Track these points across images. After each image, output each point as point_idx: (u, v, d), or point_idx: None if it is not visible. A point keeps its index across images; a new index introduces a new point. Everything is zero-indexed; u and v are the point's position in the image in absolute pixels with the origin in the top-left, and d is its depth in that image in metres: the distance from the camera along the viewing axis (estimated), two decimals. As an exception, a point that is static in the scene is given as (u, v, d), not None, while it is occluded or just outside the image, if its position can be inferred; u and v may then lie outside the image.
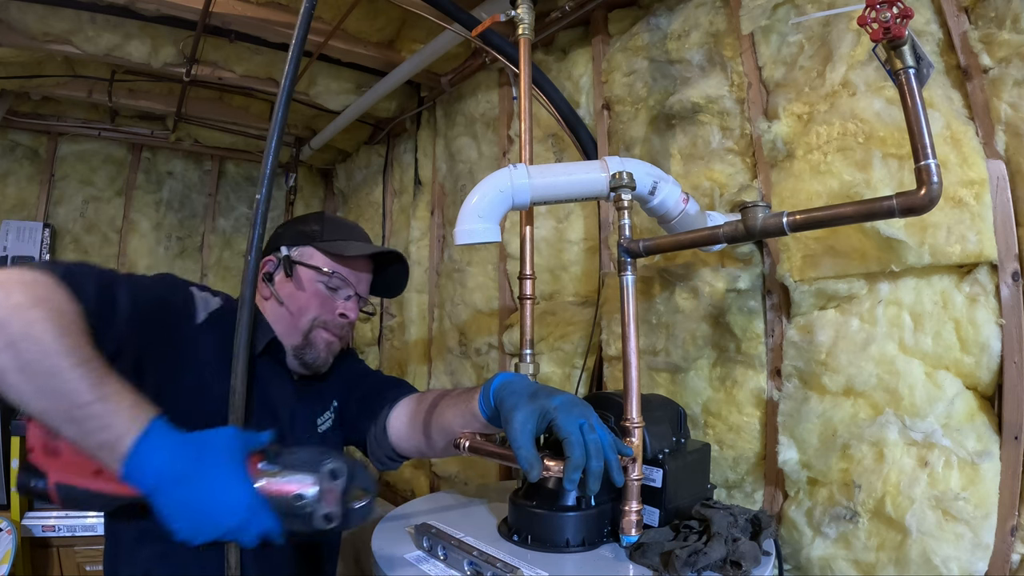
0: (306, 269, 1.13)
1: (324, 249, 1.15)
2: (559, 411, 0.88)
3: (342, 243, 1.15)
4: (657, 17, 1.55)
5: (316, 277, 1.13)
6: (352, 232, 1.21)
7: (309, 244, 1.15)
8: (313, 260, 1.15)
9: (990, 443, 0.99)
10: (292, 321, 1.12)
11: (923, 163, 0.77)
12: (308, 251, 1.16)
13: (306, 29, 1.00)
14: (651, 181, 1.14)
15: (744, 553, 0.93)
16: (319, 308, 1.12)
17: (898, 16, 0.73)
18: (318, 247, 1.15)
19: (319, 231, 1.17)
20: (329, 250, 1.14)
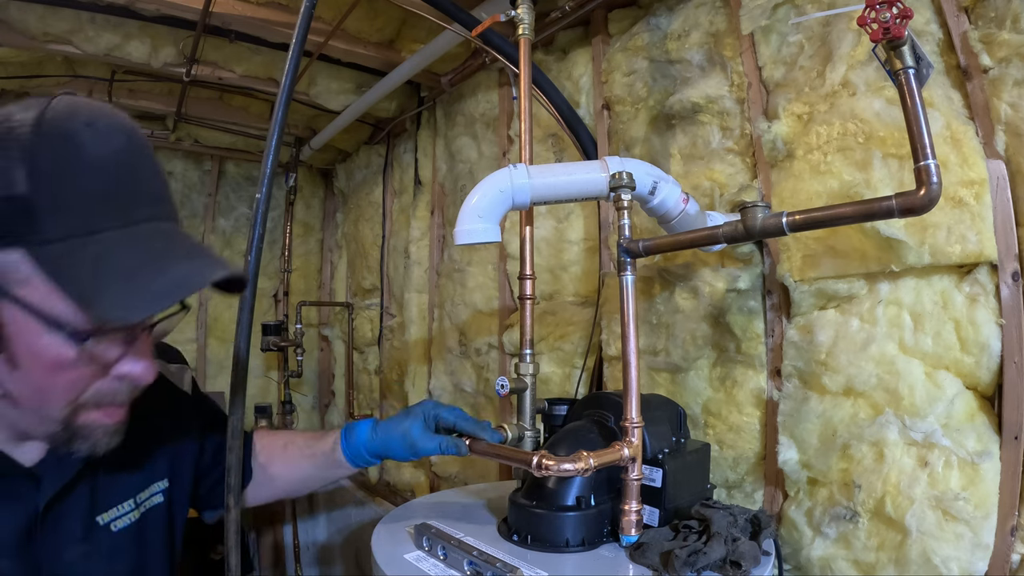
0: (22, 313, 0.54)
1: (58, 272, 0.53)
2: (438, 409, 1.12)
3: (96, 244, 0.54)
4: (657, 17, 1.55)
5: (50, 332, 0.56)
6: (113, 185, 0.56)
7: (22, 247, 0.53)
8: (41, 299, 0.54)
9: (990, 443, 0.99)
10: (27, 411, 0.63)
11: (923, 163, 0.77)
12: (23, 268, 0.54)
13: (306, 29, 1.00)
14: (651, 181, 1.14)
15: (744, 553, 0.93)
16: (71, 384, 0.60)
17: (898, 16, 0.73)
18: (41, 261, 0.53)
19: (35, 200, 0.51)
20: (69, 282, 0.53)
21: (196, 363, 3.17)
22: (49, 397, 0.60)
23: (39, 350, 0.56)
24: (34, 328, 0.55)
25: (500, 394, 1.26)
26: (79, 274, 0.52)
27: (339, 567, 3.02)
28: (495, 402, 2.06)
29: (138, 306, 0.53)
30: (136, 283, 0.54)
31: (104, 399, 0.63)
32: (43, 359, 0.56)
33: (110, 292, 0.53)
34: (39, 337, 0.55)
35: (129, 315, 0.53)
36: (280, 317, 3.31)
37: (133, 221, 0.56)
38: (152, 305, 0.54)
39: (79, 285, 0.52)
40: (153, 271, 0.55)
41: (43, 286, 0.53)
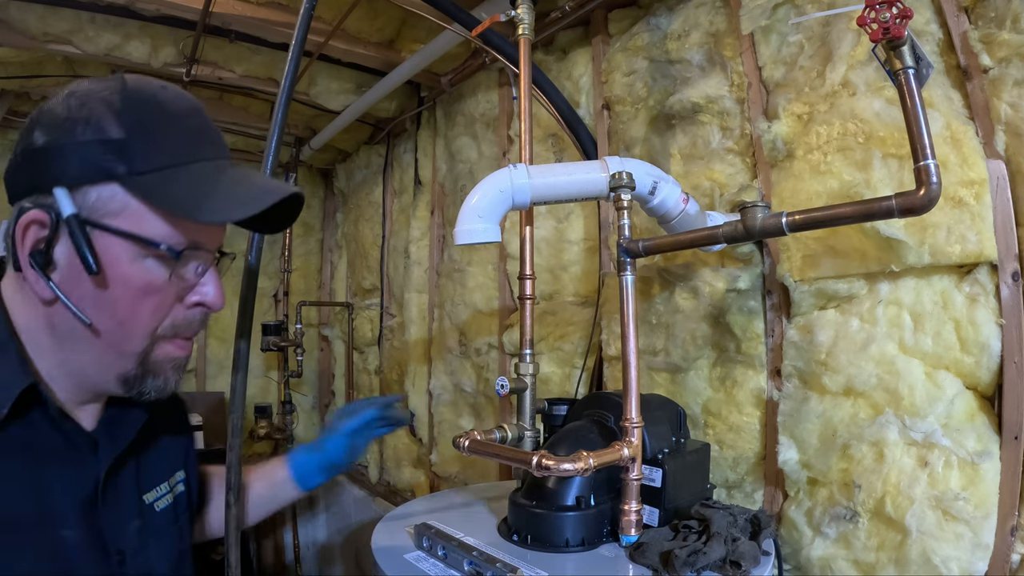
0: (122, 244, 0.59)
1: (154, 195, 0.59)
2: (353, 405, 1.19)
3: (186, 172, 0.60)
4: (657, 17, 1.55)
5: (144, 257, 0.61)
6: (191, 131, 0.64)
7: (116, 181, 0.58)
8: (135, 224, 0.60)
9: (990, 443, 0.99)
10: (106, 348, 0.64)
11: (922, 163, 0.77)
12: (118, 199, 0.59)
13: (306, 29, 1.00)
14: (651, 181, 1.14)
15: (744, 553, 0.93)
16: (156, 310, 0.63)
17: (897, 16, 0.73)
18: (136, 190, 0.59)
19: (129, 142, 0.58)
20: (167, 201, 0.59)
21: (196, 363, 3.17)
22: (135, 325, 0.63)
23: (131, 274, 0.61)
24: (127, 254, 0.60)
25: (500, 394, 1.26)
26: (174, 192, 0.60)
27: (339, 567, 3.02)
28: (495, 402, 2.06)
29: (235, 208, 0.61)
30: (229, 192, 0.62)
31: (180, 329, 0.68)
32: (134, 283, 0.61)
33: (208, 200, 0.60)
34: (131, 263, 0.61)
35: (229, 214, 0.60)
36: (280, 317, 3.31)
37: (209, 158, 0.64)
38: (247, 206, 0.61)
39: (176, 200, 0.59)
40: (238, 184, 0.63)
41: (137, 211, 0.60)
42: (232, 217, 0.61)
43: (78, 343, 0.63)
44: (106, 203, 0.59)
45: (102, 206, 0.59)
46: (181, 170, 0.61)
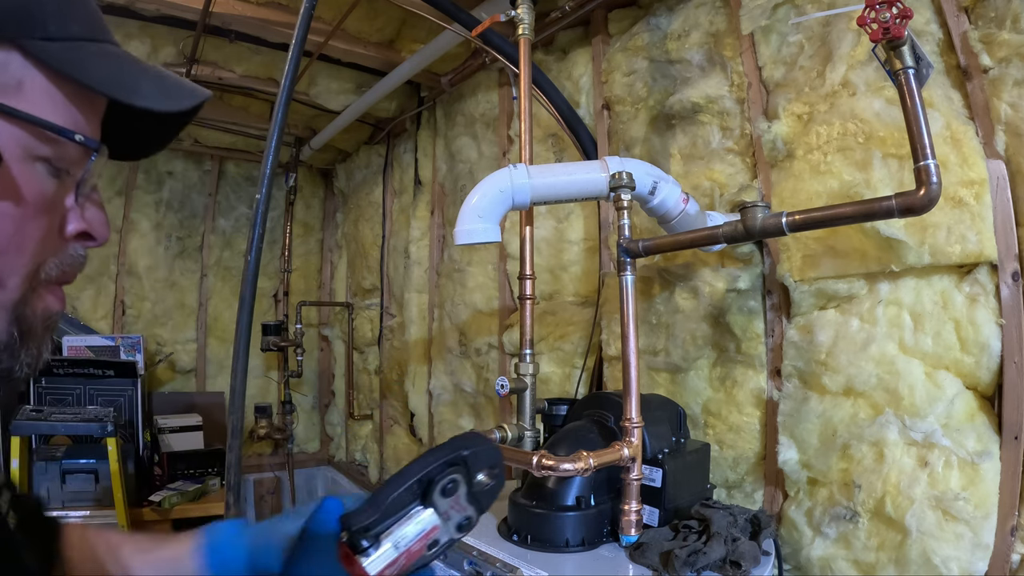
0: (12, 132, 0.43)
1: (74, 68, 0.45)
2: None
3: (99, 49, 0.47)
4: (657, 17, 1.55)
5: (35, 150, 0.44)
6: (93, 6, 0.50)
7: (13, 46, 0.42)
8: (35, 106, 0.43)
9: (990, 443, 0.99)
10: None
11: (922, 163, 0.77)
12: (12, 70, 0.42)
13: (306, 29, 1.00)
14: (651, 181, 1.14)
15: (744, 553, 0.93)
16: (44, 237, 0.46)
17: (897, 16, 0.73)
18: (47, 59, 0.43)
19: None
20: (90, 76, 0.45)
21: (196, 363, 3.17)
22: (18, 257, 0.44)
23: (20, 180, 0.43)
24: (18, 150, 0.43)
25: (500, 394, 1.26)
26: (97, 68, 0.45)
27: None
28: (495, 402, 2.06)
29: (166, 97, 0.47)
30: (154, 78, 0.48)
31: (63, 268, 0.48)
32: (24, 193, 0.43)
33: (139, 83, 0.46)
34: (21, 163, 0.43)
35: (167, 102, 0.47)
36: (280, 317, 3.31)
37: (115, 42, 0.49)
38: (179, 98, 0.47)
39: (102, 78, 0.45)
40: (156, 72, 0.49)
41: (40, 90, 0.43)
42: (172, 107, 0.47)
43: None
44: (9, 82, 0.41)
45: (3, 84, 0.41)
46: (94, 46, 0.46)
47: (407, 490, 0.48)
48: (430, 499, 0.48)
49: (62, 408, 2.23)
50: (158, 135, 0.54)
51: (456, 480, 0.50)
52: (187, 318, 3.16)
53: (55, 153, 0.44)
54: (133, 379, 2.51)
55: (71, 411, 2.16)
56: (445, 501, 0.50)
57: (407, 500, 0.48)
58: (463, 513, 0.52)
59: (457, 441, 0.52)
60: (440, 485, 0.49)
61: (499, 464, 0.54)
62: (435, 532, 0.49)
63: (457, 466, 0.50)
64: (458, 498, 0.51)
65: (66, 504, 2.14)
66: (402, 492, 0.48)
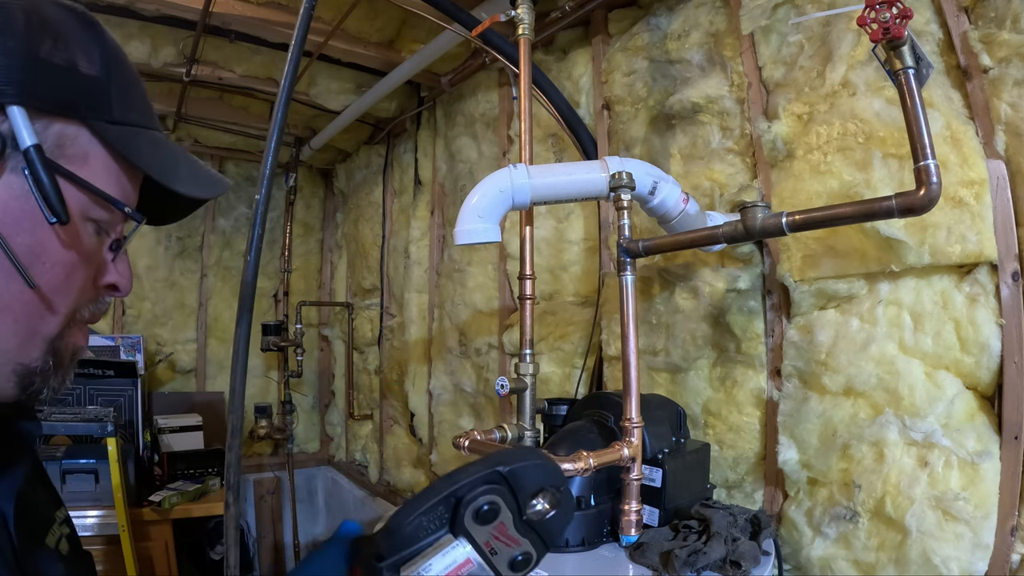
0: (77, 197, 0.49)
1: (130, 151, 0.52)
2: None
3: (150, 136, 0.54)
4: (657, 17, 1.55)
5: (87, 220, 0.51)
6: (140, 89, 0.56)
7: (82, 123, 0.49)
8: (95, 178, 0.50)
9: (990, 443, 0.99)
10: (16, 325, 0.49)
11: (922, 163, 0.77)
12: (80, 144, 0.50)
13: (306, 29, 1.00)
14: (651, 181, 1.14)
15: (744, 553, 0.93)
16: (84, 285, 0.53)
17: (897, 16, 0.73)
18: (109, 139, 0.50)
19: (108, 84, 0.51)
20: (142, 159, 0.52)
21: (196, 363, 3.17)
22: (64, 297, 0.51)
23: (78, 236, 0.50)
24: (78, 210, 0.50)
25: (500, 394, 1.26)
26: (147, 153, 0.52)
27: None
28: (495, 402, 2.06)
29: (199, 185, 0.56)
30: (190, 166, 0.56)
31: (93, 312, 0.56)
32: (78, 245, 0.50)
33: (178, 170, 0.54)
34: (79, 222, 0.51)
35: (198, 190, 0.55)
36: (280, 317, 3.31)
37: (160, 128, 0.57)
38: (208, 187, 0.57)
39: (150, 162, 0.52)
40: (190, 162, 0.58)
41: (101, 164, 0.51)
42: (203, 194, 0.56)
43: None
44: (68, 144, 0.48)
45: (63, 147, 0.48)
46: (147, 133, 0.54)
47: (430, 513, 0.39)
48: (460, 525, 0.39)
49: (62, 408, 2.23)
50: (179, 210, 0.64)
51: (496, 503, 0.41)
52: (187, 318, 3.16)
53: (105, 216, 0.52)
54: (133, 379, 2.51)
55: (71, 411, 2.16)
56: (483, 530, 0.40)
57: (432, 527, 0.40)
58: (516, 548, 0.41)
59: (497, 455, 0.41)
60: (472, 508, 0.40)
61: (556, 484, 0.43)
62: (468, 566, 0.39)
63: (494, 485, 0.40)
64: (504, 528, 0.41)
65: (66, 504, 2.14)
66: (422, 516, 0.39)
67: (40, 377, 0.51)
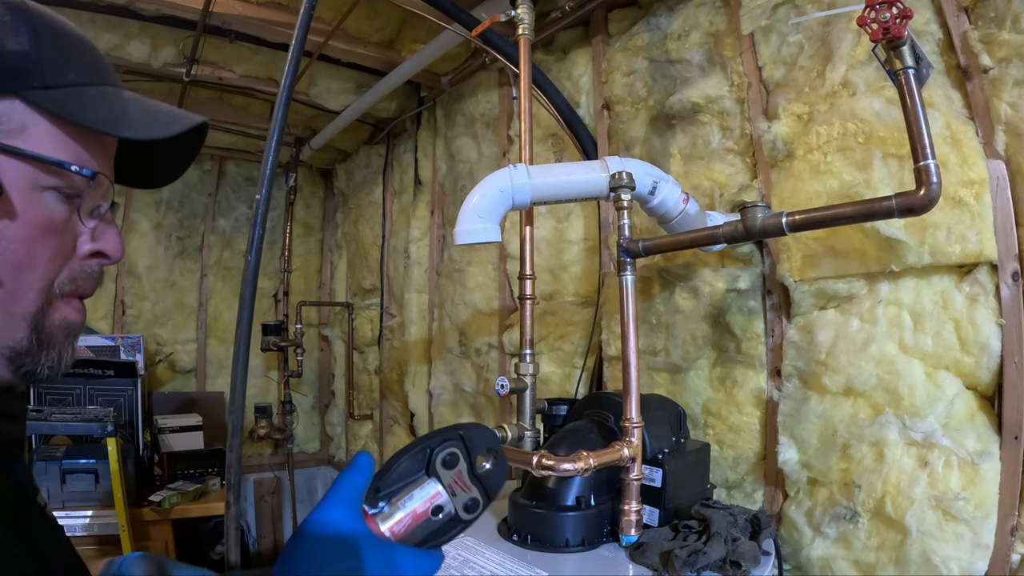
0: (19, 168, 0.50)
1: (67, 109, 0.51)
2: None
3: (96, 92, 0.54)
4: (657, 17, 1.55)
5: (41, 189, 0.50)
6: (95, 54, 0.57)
7: (15, 96, 0.49)
8: (39, 145, 0.50)
9: (990, 443, 0.99)
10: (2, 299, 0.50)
11: (922, 163, 0.77)
12: (17, 116, 0.50)
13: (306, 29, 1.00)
14: (651, 181, 1.14)
15: (744, 553, 0.93)
16: (54, 256, 0.52)
17: (897, 16, 0.73)
18: (45, 104, 0.50)
19: (36, 54, 0.51)
20: (82, 115, 0.51)
21: (196, 363, 3.17)
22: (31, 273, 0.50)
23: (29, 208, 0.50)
24: (25, 182, 0.50)
25: (500, 394, 1.26)
26: (90, 108, 0.52)
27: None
28: (495, 402, 2.06)
29: (156, 126, 0.54)
30: (147, 113, 0.55)
31: (79, 283, 0.55)
32: (32, 218, 0.50)
33: (127, 117, 0.53)
34: (29, 193, 0.50)
35: (153, 131, 0.53)
36: (280, 317, 3.31)
37: (115, 84, 0.57)
38: (168, 126, 0.54)
39: (93, 115, 0.52)
40: (152, 108, 0.56)
41: (43, 131, 0.51)
42: (156, 134, 0.53)
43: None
44: (3, 120, 0.49)
45: (2, 123, 0.49)
46: (91, 89, 0.53)
47: (411, 460, 0.54)
48: (432, 469, 0.54)
49: (62, 408, 2.23)
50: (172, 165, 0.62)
51: (455, 453, 0.55)
52: (187, 318, 3.16)
53: (63, 183, 0.51)
54: (133, 379, 2.51)
55: (71, 411, 2.16)
56: (448, 473, 0.55)
57: (413, 469, 0.54)
58: (469, 494, 0.56)
59: (458, 425, 0.58)
60: (440, 456, 0.54)
61: (496, 447, 0.58)
62: (437, 498, 0.54)
63: (453, 440, 0.56)
64: (461, 475, 0.56)
65: (66, 504, 2.14)
66: (407, 461, 0.54)
67: (29, 357, 0.51)
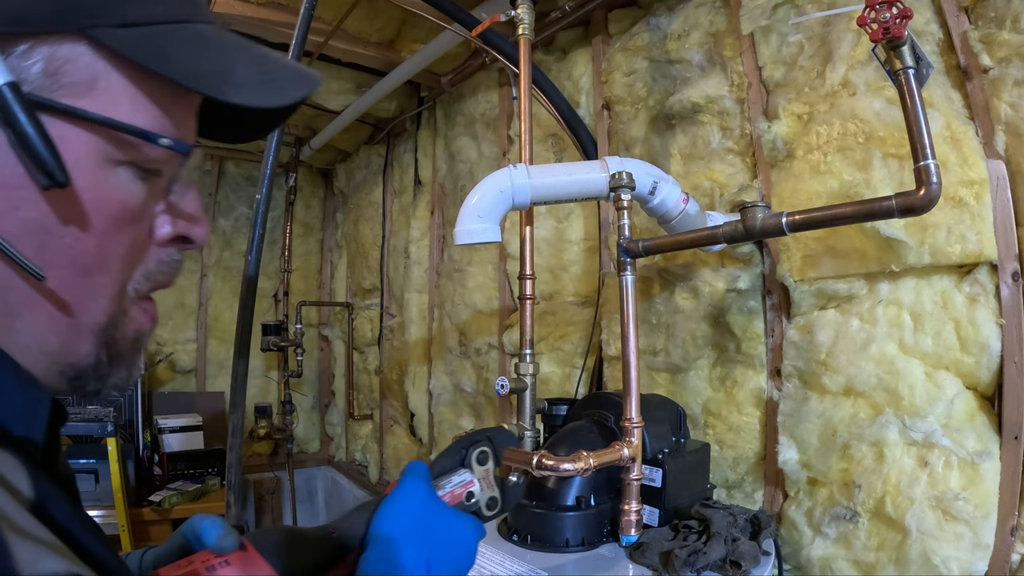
0: (87, 140, 0.36)
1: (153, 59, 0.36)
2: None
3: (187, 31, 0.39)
4: (657, 17, 1.55)
5: (115, 164, 0.37)
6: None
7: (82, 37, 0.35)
8: (111, 106, 0.36)
9: (990, 443, 0.99)
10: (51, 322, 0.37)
11: (922, 163, 0.77)
12: (83, 65, 0.35)
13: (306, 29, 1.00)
14: (651, 181, 1.14)
15: (744, 553, 0.93)
16: (131, 251, 0.40)
17: (897, 16, 0.73)
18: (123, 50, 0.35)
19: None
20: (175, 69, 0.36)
21: (196, 363, 3.17)
22: (104, 277, 0.38)
23: (101, 191, 0.37)
24: (94, 157, 0.36)
25: (500, 394, 1.26)
26: (181, 58, 0.37)
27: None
28: (495, 402, 2.06)
29: (281, 87, 0.40)
30: (261, 63, 0.41)
31: (153, 279, 0.43)
32: (106, 205, 0.37)
33: (236, 72, 0.39)
34: (98, 171, 0.36)
35: (273, 96, 0.39)
36: (280, 317, 3.31)
37: (209, 19, 0.42)
38: (294, 86, 0.40)
39: (187, 68, 0.37)
40: (254, 55, 0.41)
41: (116, 87, 0.36)
42: (275, 100, 0.39)
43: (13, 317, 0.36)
44: (63, 71, 0.35)
45: (56, 75, 0.34)
46: (183, 29, 0.38)
47: (453, 456, 0.65)
48: (467, 463, 0.65)
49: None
50: (261, 122, 0.48)
51: (485, 452, 0.66)
52: (187, 318, 3.16)
53: (141, 156, 0.38)
54: (133, 379, 2.51)
55: (71, 411, 2.16)
56: (480, 468, 0.65)
57: (455, 463, 0.65)
58: (491, 492, 0.66)
59: (486, 429, 0.68)
60: (473, 454, 0.65)
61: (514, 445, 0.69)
62: (469, 486, 0.64)
63: (482, 441, 0.66)
64: (488, 473, 0.66)
65: (66, 504, 2.14)
66: (450, 457, 0.65)
67: (95, 376, 0.40)
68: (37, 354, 0.37)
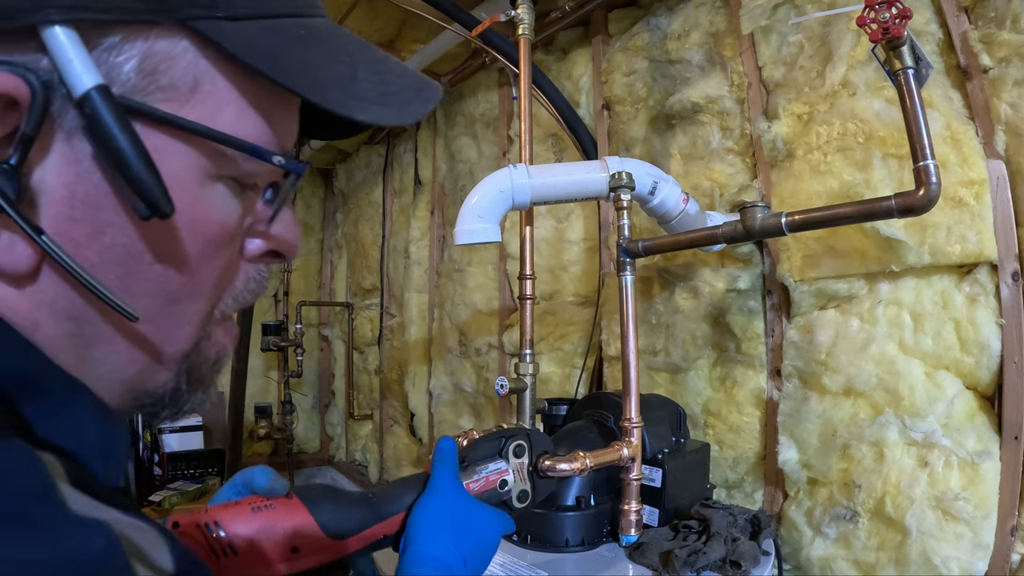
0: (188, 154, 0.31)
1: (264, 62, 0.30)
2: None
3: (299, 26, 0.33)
4: (657, 17, 1.55)
5: (214, 179, 0.32)
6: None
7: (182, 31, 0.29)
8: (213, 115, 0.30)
9: (990, 443, 0.99)
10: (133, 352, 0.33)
11: (922, 164, 0.77)
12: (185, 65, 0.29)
13: (306, 29, 1.00)
14: (651, 181, 1.14)
15: (743, 553, 0.93)
16: (223, 274, 0.35)
17: (897, 16, 0.73)
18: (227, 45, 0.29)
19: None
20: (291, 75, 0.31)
21: (196, 363, 3.17)
22: (192, 305, 0.34)
23: (200, 212, 0.32)
24: (194, 174, 0.31)
25: (500, 394, 1.26)
26: (295, 60, 0.32)
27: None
28: (495, 402, 2.06)
29: (404, 101, 0.35)
30: (380, 70, 0.35)
31: (240, 299, 0.38)
32: (204, 228, 0.32)
33: (356, 81, 0.33)
34: (199, 190, 0.32)
35: (396, 115, 0.34)
36: (280, 317, 3.31)
37: (321, 12, 0.35)
38: (418, 100, 0.35)
39: (303, 73, 0.31)
40: (374, 59, 0.36)
41: (222, 88, 0.31)
42: (398, 119, 0.35)
43: (90, 347, 0.31)
44: (161, 71, 0.29)
45: (153, 76, 0.29)
46: (296, 24, 0.33)
47: (491, 445, 0.68)
48: (504, 453, 0.68)
49: (62, 408, 2.22)
50: (349, 126, 0.42)
51: (522, 446, 0.70)
52: (187, 318, 3.16)
53: (240, 170, 0.33)
54: (133, 379, 2.51)
55: (71, 411, 2.15)
56: (514, 461, 0.69)
57: (492, 452, 0.68)
58: (523, 485, 0.69)
59: (524, 427, 0.73)
60: (511, 447, 0.69)
61: (552, 452, 0.74)
62: (504, 474, 0.67)
63: (521, 436, 0.70)
64: (523, 466, 0.70)
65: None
66: (488, 445, 0.68)
67: (171, 402, 0.37)
68: (112, 383, 0.33)
